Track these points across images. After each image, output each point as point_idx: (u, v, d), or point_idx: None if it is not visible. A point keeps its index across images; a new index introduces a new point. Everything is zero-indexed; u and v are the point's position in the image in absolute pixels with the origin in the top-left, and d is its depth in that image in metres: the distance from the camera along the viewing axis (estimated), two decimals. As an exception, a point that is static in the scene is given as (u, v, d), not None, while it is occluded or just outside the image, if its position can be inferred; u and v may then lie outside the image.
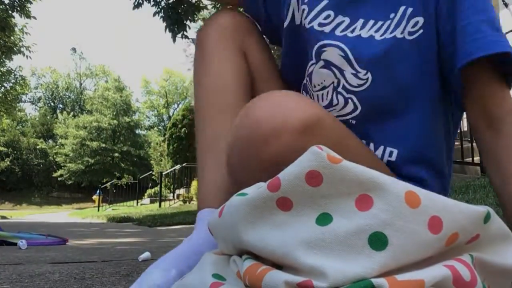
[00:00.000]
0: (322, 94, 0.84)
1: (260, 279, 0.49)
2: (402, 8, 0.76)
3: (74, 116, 33.98)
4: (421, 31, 0.76)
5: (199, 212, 0.81)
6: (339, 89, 0.81)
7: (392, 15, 0.77)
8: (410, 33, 0.76)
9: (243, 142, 0.62)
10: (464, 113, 0.83)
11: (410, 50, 0.76)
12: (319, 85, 0.83)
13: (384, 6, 0.78)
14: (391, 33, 0.76)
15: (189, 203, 11.09)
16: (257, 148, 0.60)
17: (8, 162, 30.06)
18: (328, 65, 0.81)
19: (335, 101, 0.82)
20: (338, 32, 0.80)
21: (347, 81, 0.79)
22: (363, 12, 0.79)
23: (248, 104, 0.64)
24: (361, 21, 0.79)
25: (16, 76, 14.81)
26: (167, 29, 6.29)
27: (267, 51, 0.94)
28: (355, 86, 0.79)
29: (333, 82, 0.81)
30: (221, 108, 0.82)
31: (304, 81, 0.89)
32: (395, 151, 0.79)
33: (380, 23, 0.77)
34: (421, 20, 0.75)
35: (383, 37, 0.77)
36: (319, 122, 0.60)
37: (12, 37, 11.41)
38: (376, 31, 0.77)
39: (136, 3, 6.31)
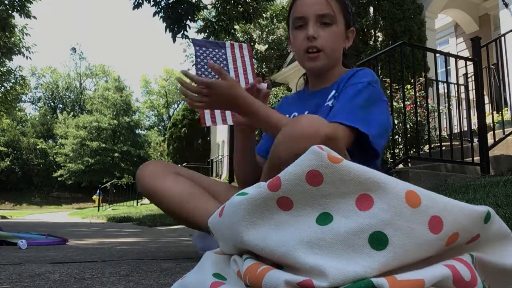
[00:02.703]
0: None
1: (260, 278, 0.49)
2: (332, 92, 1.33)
3: (74, 116, 33.99)
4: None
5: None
6: None
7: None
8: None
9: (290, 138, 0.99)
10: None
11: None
12: None
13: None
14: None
15: (189, 203, 11.02)
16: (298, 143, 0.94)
17: (8, 162, 30.05)
18: None
19: None
20: None
21: None
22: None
23: (292, 120, 1.07)
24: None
25: (16, 76, 14.82)
26: (167, 29, 6.29)
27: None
28: None
29: None
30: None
31: None
32: None
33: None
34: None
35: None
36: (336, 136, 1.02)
37: (12, 38, 11.42)
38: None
39: (136, 3, 6.31)
